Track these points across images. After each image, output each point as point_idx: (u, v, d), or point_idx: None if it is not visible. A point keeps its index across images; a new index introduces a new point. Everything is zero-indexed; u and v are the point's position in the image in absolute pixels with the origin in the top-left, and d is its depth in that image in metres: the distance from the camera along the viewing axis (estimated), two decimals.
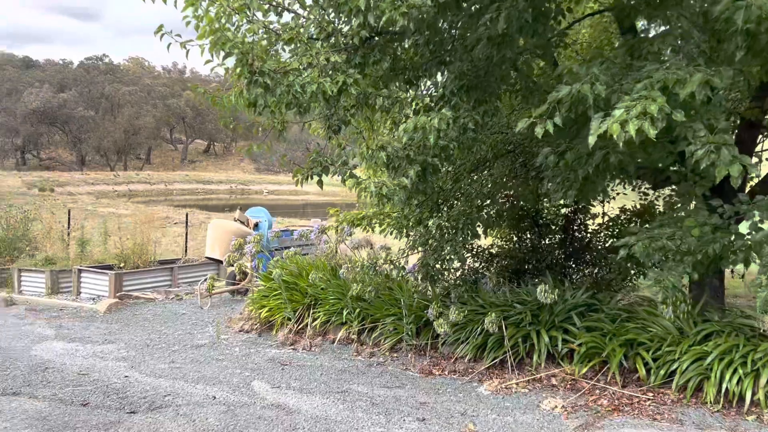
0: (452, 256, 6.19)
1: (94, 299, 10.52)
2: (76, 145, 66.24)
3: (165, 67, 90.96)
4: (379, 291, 6.99)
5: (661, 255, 4.69)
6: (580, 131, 5.28)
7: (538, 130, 4.01)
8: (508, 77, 5.80)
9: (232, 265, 8.57)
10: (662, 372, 5.37)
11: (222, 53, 4.36)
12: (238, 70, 4.40)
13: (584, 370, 5.70)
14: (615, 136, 3.59)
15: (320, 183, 5.16)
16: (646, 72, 4.11)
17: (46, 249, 12.43)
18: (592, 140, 3.71)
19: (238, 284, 10.16)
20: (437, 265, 6.44)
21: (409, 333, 6.70)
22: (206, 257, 11.24)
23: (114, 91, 69.55)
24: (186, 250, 15.15)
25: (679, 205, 5.63)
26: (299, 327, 7.64)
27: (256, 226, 10.92)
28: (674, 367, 5.32)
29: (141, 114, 68.17)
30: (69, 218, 15.93)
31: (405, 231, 7.10)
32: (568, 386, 5.68)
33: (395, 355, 6.81)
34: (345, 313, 7.24)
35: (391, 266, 6.69)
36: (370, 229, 7.93)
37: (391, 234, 7.23)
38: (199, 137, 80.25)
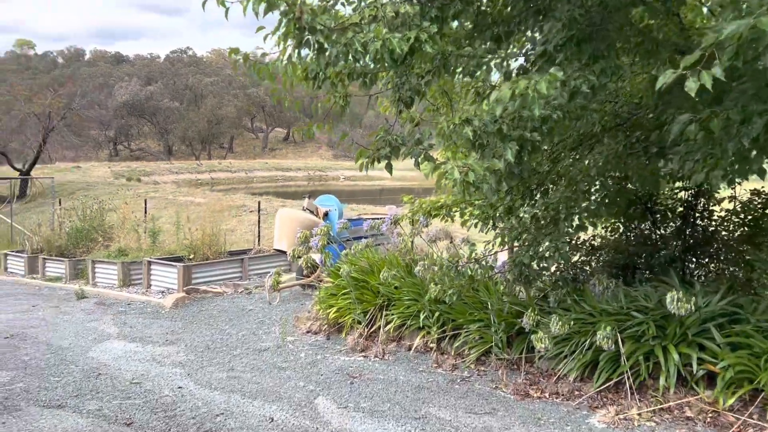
0: (553, 253, 5.04)
1: (163, 292, 10.15)
2: (163, 135, 69.07)
3: None
4: (462, 294, 5.96)
5: None
6: (723, 93, 4.03)
7: (691, 84, 2.84)
8: (624, 29, 4.57)
9: (299, 258, 7.79)
10: None
11: (263, 5, 3.44)
12: (283, 27, 3.49)
13: (731, 400, 4.44)
14: None
15: (389, 167, 4.18)
16: None
17: (120, 240, 12.25)
18: None
19: (308, 278, 9.43)
20: (533, 264, 5.33)
21: (499, 344, 5.63)
22: (274, 249, 10.61)
23: (197, 83, 71.86)
24: (259, 239, 14.71)
25: None
26: (370, 330, 6.77)
27: (326, 215, 10.13)
28: None
29: (223, 104, 70.05)
30: (145, 208, 15.93)
31: (492, 222, 6.00)
32: (709, 420, 4.44)
33: (482, 368, 5.78)
34: (422, 317, 6.28)
35: (476, 265, 5.63)
36: (449, 219, 6.88)
37: (474, 226, 6.16)
38: (278, 125, 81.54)
